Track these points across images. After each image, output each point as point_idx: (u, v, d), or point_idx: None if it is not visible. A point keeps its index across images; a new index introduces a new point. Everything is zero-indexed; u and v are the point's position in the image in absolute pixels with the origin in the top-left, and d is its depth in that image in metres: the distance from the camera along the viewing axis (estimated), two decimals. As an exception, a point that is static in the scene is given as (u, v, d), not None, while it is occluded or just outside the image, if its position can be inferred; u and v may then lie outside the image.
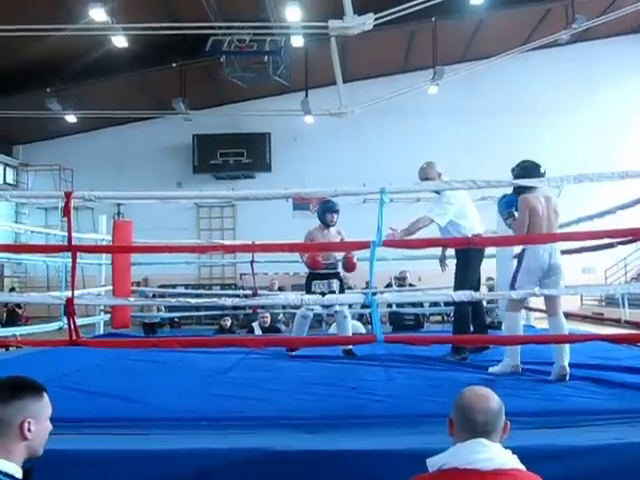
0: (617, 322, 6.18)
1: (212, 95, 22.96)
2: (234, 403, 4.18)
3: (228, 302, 4.27)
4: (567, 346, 4.90)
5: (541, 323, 9.21)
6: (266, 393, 4.43)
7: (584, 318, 12.96)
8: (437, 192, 5.83)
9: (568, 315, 11.54)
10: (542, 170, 5.14)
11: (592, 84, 24.60)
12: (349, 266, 5.98)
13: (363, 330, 10.63)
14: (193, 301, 4.83)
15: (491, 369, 5.17)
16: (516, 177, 5.10)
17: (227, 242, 12.97)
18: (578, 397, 4.10)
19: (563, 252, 7.04)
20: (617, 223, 5.18)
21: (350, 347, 6.06)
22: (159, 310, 13.53)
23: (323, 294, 5.43)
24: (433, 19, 19.84)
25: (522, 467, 2.34)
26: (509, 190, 5.25)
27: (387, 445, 3.20)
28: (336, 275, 6.14)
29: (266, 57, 17.79)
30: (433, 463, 2.37)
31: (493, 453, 2.30)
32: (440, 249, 6.56)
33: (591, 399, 4.04)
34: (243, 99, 23.33)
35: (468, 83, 22.87)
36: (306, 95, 20.45)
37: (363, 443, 3.26)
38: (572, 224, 6.54)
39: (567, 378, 4.70)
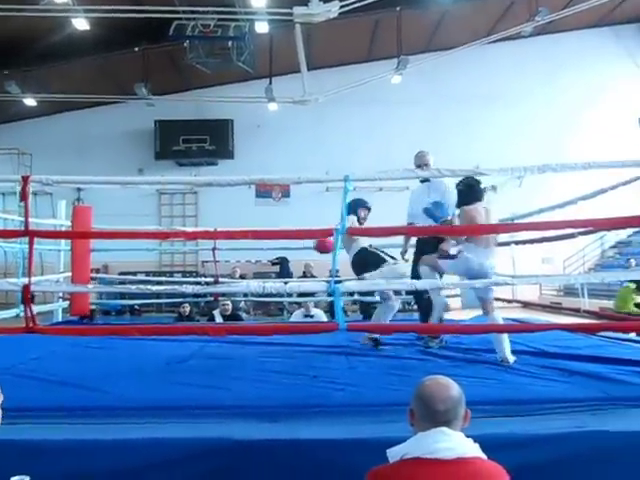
0: (576, 311, 6.24)
1: (175, 80, 22.67)
2: (194, 392, 4.12)
3: (189, 289, 4.21)
4: (506, 337, 5.10)
5: (502, 312, 9.30)
6: (227, 381, 4.38)
7: (544, 307, 13.14)
8: (427, 180, 6.13)
9: (528, 304, 11.75)
10: (482, 186, 5.47)
11: (555, 76, 24.87)
12: (321, 246, 5.92)
13: (325, 318, 10.65)
14: (154, 288, 4.74)
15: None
16: (460, 192, 5.47)
17: (189, 229, 12.89)
18: (539, 386, 4.13)
19: (524, 242, 7.16)
20: (578, 214, 5.24)
21: (375, 335, 5.89)
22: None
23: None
24: (398, 8, 19.91)
25: (483, 456, 2.34)
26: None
27: (349, 434, 3.19)
28: None
29: (230, 43, 17.64)
30: (394, 454, 2.35)
31: (455, 442, 2.30)
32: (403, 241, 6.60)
33: (552, 388, 4.08)
34: (206, 85, 23.10)
35: (432, 73, 22.93)
36: (270, 82, 20.31)
37: (325, 432, 3.24)
38: (534, 214, 6.59)
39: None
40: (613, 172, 5.31)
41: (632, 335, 6.20)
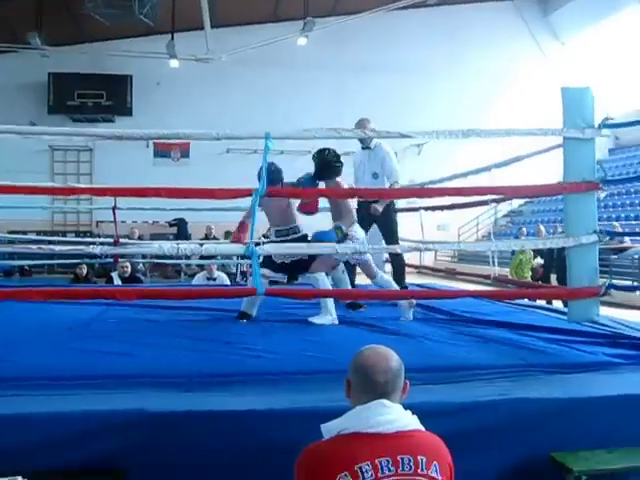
0: (486, 278, 6.30)
1: (72, 31, 21.52)
2: (99, 359, 3.85)
3: (97, 250, 3.93)
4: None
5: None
6: (133, 348, 4.11)
7: (449, 274, 13.47)
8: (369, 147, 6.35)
9: (425, 268, 11.91)
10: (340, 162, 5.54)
11: (460, 48, 25.25)
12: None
13: (227, 281, 10.44)
14: (57, 248, 4.40)
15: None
16: (317, 167, 5.48)
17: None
18: (459, 353, 4.10)
19: (434, 208, 7.17)
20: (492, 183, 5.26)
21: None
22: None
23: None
24: (305, -32, 19.61)
25: (422, 427, 2.24)
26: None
27: (267, 404, 3.03)
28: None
29: (132, -6, 16.88)
30: (330, 428, 2.21)
31: (395, 414, 2.18)
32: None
33: (471, 354, 4.06)
34: (105, 38, 22.07)
35: (338, 38, 22.82)
36: (172, 38, 19.68)
37: (241, 402, 3.07)
38: (445, 181, 6.59)
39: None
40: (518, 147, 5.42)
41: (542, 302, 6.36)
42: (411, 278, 10.10)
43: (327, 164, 5.46)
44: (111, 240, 8.82)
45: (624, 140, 25.91)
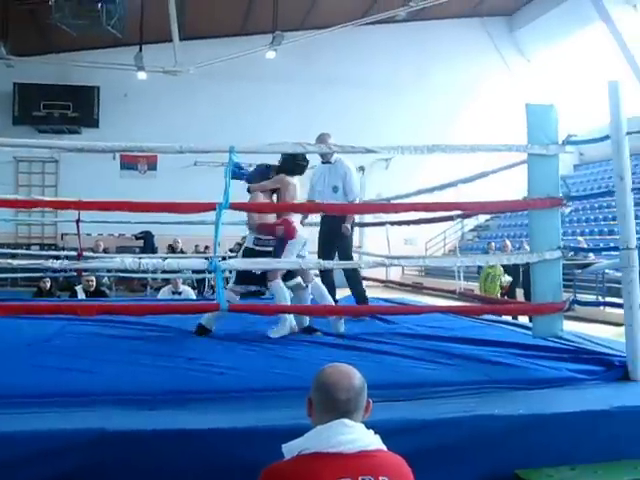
0: (451, 292, 6.31)
1: (38, 41, 21.33)
2: (60, 376, 3.76)
3: (56, 264, 3.85)
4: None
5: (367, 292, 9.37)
6: (96, 364, 4.03)
7: (414, 288, 13.46)
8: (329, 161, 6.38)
9: (391, 283, 11.94)
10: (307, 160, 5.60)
11: (427, 63, 25.54)
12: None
13: (193, 295, 10.36)
14: (15, 262, 4.31)
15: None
16: (282, 157, 5.55)
17: (54, 199, 12.14)
18: (422, 369, 4.07)
19: (399, 223, 7.18)
20: (458, 198, 5.29)
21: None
22: None
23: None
24: (274, -18, 19.67)
25: (384, 447, 2.21)
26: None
27: (232, 423, 2.97)
28: None
29: (99, 5, 16.74)
30: (291, 448, 2.17)
31: (357, 434, 2.15)
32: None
33: (435, 371, 4.04)
34: (72, 49, 21.94)
35: (306, 52, 22.92)
36: (140, 50, 19.59)
37: (205, 421, 3.01)
38: (411, 195, 6.60)
39: None
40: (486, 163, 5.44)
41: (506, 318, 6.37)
42: (377, 292, 10.14)
43: (292, 158, 5.44)
44: (74, 253, 8.67)
45: (588, 156, 26.29)
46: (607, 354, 4.48)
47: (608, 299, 10.84)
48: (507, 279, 13.76)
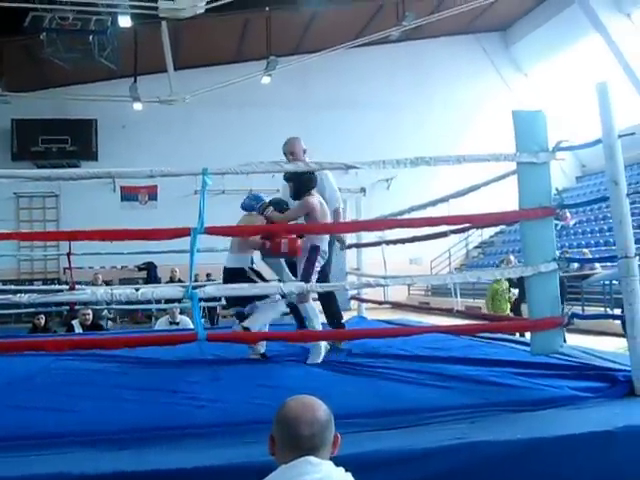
0: (448, 311, 6.11)
1: (34, 77, 21.40)
2: (34, 417, 3.57)
3: (24, 299, 3.69)
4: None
5: (372, 313, 9.17)
6: (73, 402, 3.83)
7: (417, 308, 13.23)
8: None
9: (397, 305, 11.74)
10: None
11: (424, 82, 25.53)
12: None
13: (191, 325, 10.16)
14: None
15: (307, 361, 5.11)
16: (293, 183, 5.32)
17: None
18: (415, 393, 3.86)
19: (394, 242, 7.00)
20: (452, 213, 5.12)
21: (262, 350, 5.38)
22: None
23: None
24: (267, 8, 19.70)
25: (358, 485, 2.01)
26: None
27: (208, 461, 2.78)
28: None
29: (91, 37, 16.75)
30: None
31: (323, 472, 1.93)
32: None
33: (428, 394, 3.82)
34: (68, 83, 22.01)
35: (302, 76, 22.94)
36: (135, 81, 19.58)
37: (181, 459, 2.81)
38: (404, 213, 6.42)
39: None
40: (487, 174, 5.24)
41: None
42: (379, 314, 9.93)
43: (300, 176, 5.23)
44: (67, 287, 8.51)
45: (590, 167, 26.15)
46: (611, 369, 4.25)
47: (616, 311, 10.60)
48: (514, 292, 13.30)
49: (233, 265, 5.40)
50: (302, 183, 5.30)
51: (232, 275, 5.26)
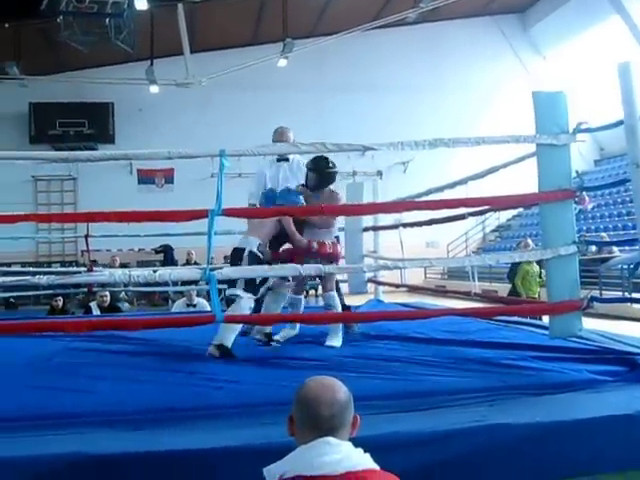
0: (466, 294, 6.09)
1: (51, 60, 21.45)
2: (53, 397, 3.59)
3: (43, 280, 3.71)
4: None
5: (389, 297, 9.16)
6: (91, 383, 3.86)
7: (434, 291, 13.16)
8: (286, 159, 5.60)
9: (414, 288, 11.69)
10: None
11: (442, 64, 25.31)
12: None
13: (209, 307, 10.19)
14: (8, 279, 4.17)
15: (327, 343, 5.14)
16: (315, 174, 5.39)
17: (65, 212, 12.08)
18: (434, 376, 3.84)
19: (412, 225, 6.97)
20: (469, 196, 5.08)
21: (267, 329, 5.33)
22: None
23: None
24: (284, -11, 19.60)
25: (376, 466, 2.00)
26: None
27: (225, 441, 2.78)
28: None
29: (108, 20, 16.74)
30: (272, 472, 1.96)
31: (343, 453, 1.92)
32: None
33: (447, 378, 3.81)
34: (85, 66, 22.02)
35: (318, 59, 22.82)
36: (151, 64, 19.60)
37: (196, 440, 2.82)
38: (422, 195, 6.38)
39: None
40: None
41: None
42: (397, 297, 9.92)
43: (323, 170, 5.36)
44: (85, 269, 8.56)
45: (609, 151, 25.89)
46: (631, 353, 4.22)
47: (635, 295, 10.49)
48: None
49: (238, 245, 5.38)
50: (324, 177, 5.41)
51: (232, 255, 5.24)
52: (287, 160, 5.68)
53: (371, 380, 3.72)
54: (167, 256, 20.72)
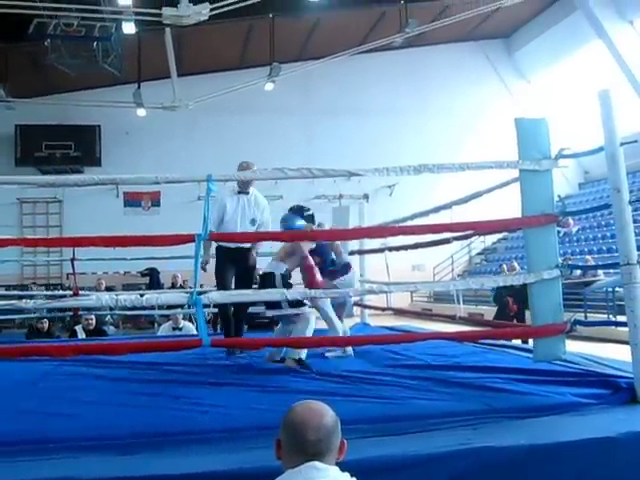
0: (451, 318, 6.13)
1: (38, 83, 21.45)
2: (36, 421, 3.58)
3: (30, 304, 3.70)
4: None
5: (375, 320, 9.19)
6: (76, 407, 3.84)
7: (420, 314, 13.20)
8: (247, 192, 6.05)
9: (400, 312, 11.73)
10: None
11: (427, 88, 25.53)
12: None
13: (194, 331, 10.15)
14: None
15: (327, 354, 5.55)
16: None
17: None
18: (418, 400, 3.86)
19: (397, 248, 7.02)
20: (453, 220, 5.14)
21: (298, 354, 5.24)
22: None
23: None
24: (271, 15, 19.75)
25: (363, 491, 2.02)
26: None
27: (213, 466, 2.79)
28: None
29: (95, 44, 16.79)
30: None
31: (330, 478, 1.94)
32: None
33: (432, 401, 3.83)
34: (72, 89, 22.07)
35: (304, 83, 22.99)
36: (138, 87, 19.66)
37: (185, 465, 2.82)
38: (407, 220, 6.44)
39: None
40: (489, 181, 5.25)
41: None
42: (383, 320, 9.95)
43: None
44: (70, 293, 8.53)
45: (594, 174, 26.13)
46: (614, 376, 4.25)
47: (619, 318, 10.57)
48: None
49: (266, 269, 5.48)
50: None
51: (262, 278, 5.42)
52: (247, 193, 5.98)
53: (358, 404, 3.73)
54: (153, 279, 20.65)
